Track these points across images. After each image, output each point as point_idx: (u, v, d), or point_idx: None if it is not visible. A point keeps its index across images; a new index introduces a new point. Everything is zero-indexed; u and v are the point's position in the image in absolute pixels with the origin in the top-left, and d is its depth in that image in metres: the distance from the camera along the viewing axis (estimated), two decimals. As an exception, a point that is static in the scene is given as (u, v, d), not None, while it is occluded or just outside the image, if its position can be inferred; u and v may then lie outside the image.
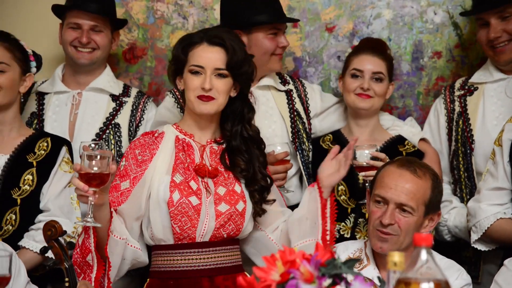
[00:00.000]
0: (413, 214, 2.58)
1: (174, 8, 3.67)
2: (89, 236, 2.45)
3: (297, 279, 1.65)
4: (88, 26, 3.28)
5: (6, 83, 2.99)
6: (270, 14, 3.25)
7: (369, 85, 3.24)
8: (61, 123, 3.29)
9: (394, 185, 2.59)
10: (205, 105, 2.63)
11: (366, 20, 3.65)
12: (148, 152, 2.63)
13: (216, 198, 2.63)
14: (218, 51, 2.64)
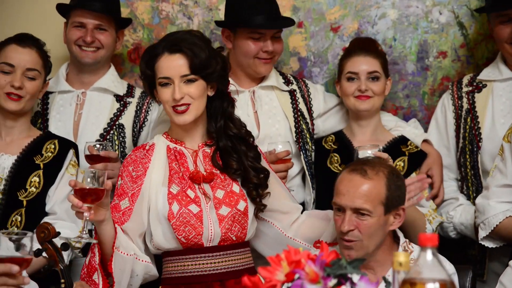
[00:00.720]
0: (371, 215, 2.51)
1: (179, 9, 3.67)
2: (94, 254, 2.48)
3: (302, 279, 1.65)
4: (93, 25, 3.28)
5: (35, 91, 3.03)
6: (255, 18, 3.21)
7: (366, 85, 3.24)
8: (65, 123, 3.29)
9: (346, 191, 2.53)
10: (182, 116, 2.62)
11: (371, 20, 3.65)
12: (141, 167, 2.63)
13: (215, 203, 2.61)
14: (180, 58, 2.61)
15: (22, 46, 3.01)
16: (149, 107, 3.37)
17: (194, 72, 2.60)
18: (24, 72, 2.98)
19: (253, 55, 3.24)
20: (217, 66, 2.65)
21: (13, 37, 3.05)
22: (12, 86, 2.95)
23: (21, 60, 2.99)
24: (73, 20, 3.30)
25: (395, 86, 3.62)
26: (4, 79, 2.97)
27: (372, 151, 2.95)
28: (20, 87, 2.96)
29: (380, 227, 2.54)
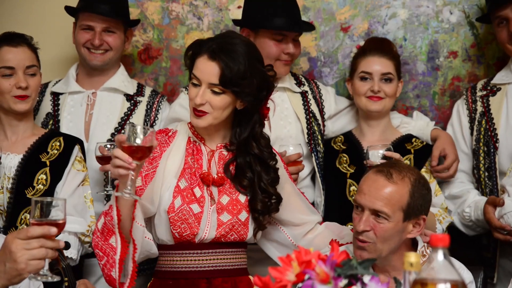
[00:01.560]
0: (389, 220, 2.44)
1: (189, 9, 3.68)
2: (112, 218, 2.39)
3: (313, 280, 1.64)
4: (100, 28, 3.28)
5: (38, 86, 3.05)
6: (278, 19, 3.22)
7: (379, 86, 3.23)
8: (76, 124, 3.30)
9: (368, 191, 2.48)
10: (197, 119, 2.56)
11: (382, 20, 3.64)
12: (158, 149, 2.58)
13: (218, 208, 2.58)
14: (214, 66, 2.51)
15: (15, 45, 2.99)
16: (159, 106, 3.38)
17: (222, 84, 2.50)
18: (25, 70, 2.99)
19: (275, 56, 3.24)
20: (251, 85, 2.52)
21: (1, 39, 3.02)
22: (19, 87, 2.96)
23: (19, 60, 2.98)
24: (81, 22, 3.31)
25: (405, 86, 3.61)
26: (8, 83, 2.97)
27: (383, 150, 2.94)
28: (26, 87, 2.97)
29: (396, 233, 2.47)
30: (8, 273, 1.91)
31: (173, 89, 3.67)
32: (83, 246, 3.02)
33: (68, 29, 3.42)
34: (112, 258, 2.40)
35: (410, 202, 2.46)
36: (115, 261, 2.39)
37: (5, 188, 2.97)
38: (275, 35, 3.23)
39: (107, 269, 2.41)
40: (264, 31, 3.23)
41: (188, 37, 3.66)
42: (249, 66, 2.52)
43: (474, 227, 3.28)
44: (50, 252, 1.93)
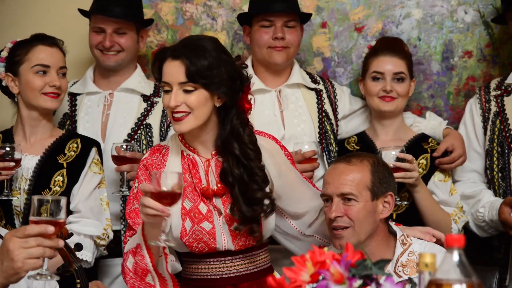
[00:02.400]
0: (358, 200, 2.51)
1: (203, 9, 3.68)
2: (143, 257, 2.37)
3: (327, 280, 1.64)
4: (111, 29, 3.29)
5: (67, 88, 3.10)
6: (267, 4, 3.23)
7: (391, 86, 3.22)
8: (93, 124, 3.31)
9: (331, 179, 2.56)
10: (178, 124, 2.48)
11: (396, 20, 3.63)
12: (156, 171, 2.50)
13: (227, 220, 2.55)
14: (179, 64, 2.46)
15: (50, 45, 3.05)
16: (175, 106, 3.38)
17: (191, 79, 2.45)
18: (58, 70, 3.03)
19: (264, 44, 3.24)
20: (220, 75, 2.46)
21: (35, 38, 3.07)
22: (53, 86, 3.00)
23: (54, 59, 3.03)
24: (93, 25, 3.33)
25: (419, 86, 3.60)
26: (42, 80, 3.00)
27: (396, 151, 2.93)
28: (59, 86, 3.01)
29: (368, 213, 2.53)
30: (5, 272, 1.90)
31: (187, 89, 3.67)
32: (98, 249, 3.03)
33: (84, 30, 3.44)
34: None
35: (373, 180, 2.55)
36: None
37: (22, 189, 2.98)
38: (262, 21, 3.25)
39: None
40: (255, 21, 3.27)
41: (202, 37, 3.67)
42: (215, 57, 2.47)
43: (486, 228, 3.26)
44: (48, 251, 1.90)
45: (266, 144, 2.64)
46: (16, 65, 3.03)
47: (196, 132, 2.53)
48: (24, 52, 3.03)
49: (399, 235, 2.58)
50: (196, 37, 2.65)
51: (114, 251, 3.20)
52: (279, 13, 3.23)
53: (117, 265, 3.23)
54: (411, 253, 2.53)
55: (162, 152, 2.60)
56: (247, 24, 3.35)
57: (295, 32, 3.29)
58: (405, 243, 2.57)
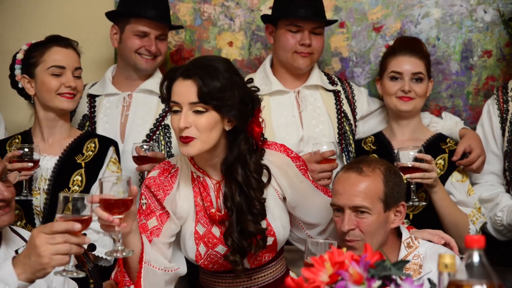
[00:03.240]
0: (371, 213, 2.46)
1: (221, 10, 3.69)
2: (122, 272, 2.36)
3: (346, 281, 1.64)
4: (155, 35, 3.29)
5: (82, 88, 3.11)
6: (293, 9, 3.22)
7: (409, 86, 3.20)
8: (112, 125, 3.33)
9: (343, 190, 2.48)
10: (186, 147, 2.39)
11: (414, 20, 3.61)
12: (162, 192, 2.48)
13: None
14: (191, 84, 2.37)
15: (65, 47, 3.06)
16: (193, 107, 3.38)
17: (202, 100, 2.36)
18: (73, 71, 3.04)
19: (291, 48, 3.23)
20: (233, 99, 2.38)
21: (50, 40, 3.08)
22: (68, 86, 3.02)
23: (69, 60, 3.05)
24: (134, 28, 3.29)
25: (438, 86, 3.58)
26: (57, 81, 3.02)
27: (414, 152, 2.92)
28: (75, 87, 3.02)
29: (380, 225, 2.48)
30: (32, 267, 1.93)
31: (205, 90, 3.68)
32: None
33: (103, 32, 3.45)
34: None
35: (386, 191, 2.49)
36: None
37: (42, 189, 3.00)
38: (290, 26, 3.23)
39: None
40: (281, 24, 3.26)
41: (220, 38, 3.68)
42: (228, 79, 2.39)
43: (505, 232, 3.24)
44: (74, 247, 1.93)
45: (276, 159, 2.56)
46: (32, 67, 3.05)
47: (205, 155, 2.46)
48: (40, 54, 3.04)
49: (404, 238, 2.54)
50: (209, 57, 2.57)
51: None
52: (308, 20, 3.22)
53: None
54: (416, 256, 2.49)
55: (171, 173, 2.53)
56: (270, 23, 3.34)
57: (320, 39, 3.28)
58: (411, 246, 2.53)
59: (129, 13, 3.30)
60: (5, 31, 3.64)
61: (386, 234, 2.51)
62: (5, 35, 3.64)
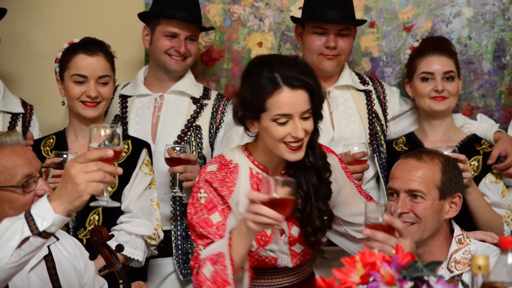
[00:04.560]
0: (425, 198, 2.49)
1: (251, 11, 3.69)
2: (225, 267, 2.30)
3: (378, 282, 1.63)
4: (185, 36, 3.30)
5: (109, 95, 3.11)
6: (319, 12, 3.20)
7: (442, 86, 3.18)
8: (144, 126, 3.34)
9: (400, 174, 2.54)
10: (296, 153, 2.39)
11: (446, 19, 3.59)
12: (226, 188, 2.48)
13: (290, 240, 2.52)
14: (303, 93, 2.37)
15: (90, 54, 3.06)
16: (225, 109, 3.39)
17: (313, 107, 2.40)
18: (97, 80, 3.05)
19: (316, 51, 3.22)
20: (323, 96, 2.47)
21: (79, 45, 3.10)
22: (89, 96, 3.03)
23: (92, 69, 3.05)
24: (164, 29, 3.31)
25: (470, 85, 3.55)
26: (78, 90, 3.04)
27: (448, 152, 2.89)
28: (96, 96, 3.03)
29: (435, 212, 2.50)
30: (69, 196, 1.93)
31: (235, 90, 3.66)
32: (149, 248, 3.06)
33: (136, 33, 3.47)
34: None
35: (443, 180, 2.52)
36: None
37: (75, 190, 3.02)
38: (316, 28, 3.22)
39: None
40: (308, 25, 3.25)
41: (250, 38, 3.68)
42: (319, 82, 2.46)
43: None
44: (108, 176, 1.94)
45: (329, 158, 2.59)
46: (62, 70, 3.09)
47: (272, 152, 2.46)
48: (67, 59, 3.07)
49: (456, 234, 2.57)
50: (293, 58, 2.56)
51: (164, 251, 3.23)
52: (333, 23, 3.20)
53: (167, 265, 3.28)
54: (467, 252, 2.52)
55: (230, 168, 2.51)
56: (300, 24, 3.34)
57: (348, 40, 3.26)
58: (462, 242, 2.55)
59: (159, 14, 3.32)
60: (39, 33, 3.69)
61: (440, 224, 2.53)
62: (39, 37, 3.68)
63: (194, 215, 2.46)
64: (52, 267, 2.45)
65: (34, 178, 2.34)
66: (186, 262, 3.25)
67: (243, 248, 2.28)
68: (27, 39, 3.69)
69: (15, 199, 2.32)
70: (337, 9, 3.23)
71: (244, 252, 2.30)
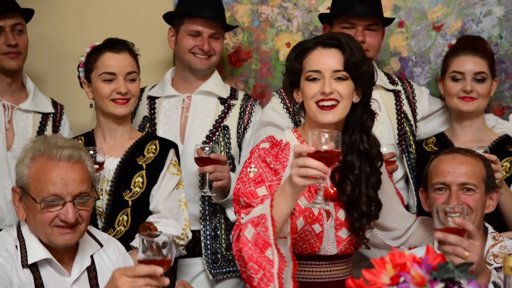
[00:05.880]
0: (476, 191, 2.59)
1: (279, 11, 3.69)
2: (266, 229, 2.23)
3: (408, 283, 1.62)
4: (208, 33, 3.32)
5: (137, 91, 3.13)
6: (351, 6, 3.20)
7: (471, 86, 3.15)
8: (172, 126, 3.36)
9: (451, 169, 2.61)
10: (327, 114, 2.43)
11: (476, 18, 3.55)
12: (280, 163, 2.48)
13: (337, 224, 2.51)
14: (334, 53, 2.46)
15: (117, 52, 3.09)
16: (252, 109, 3.40)
17: (346, 69, 2.44)
18: (125, 76, 3.08)
19: None
20: (368, 70, 2.49)
21: (104, 45, 3.13)
22: (119, 92, 3.05)
23: (120, 66, 3.07)
24: (188, 28, 3.34)
25: (501, 85, 3.51)
26: (108, 88, 3.06)
27: (480, 152, 2.86)
28: (126, 93, 3.06)
29: (482, 205, 2.61)
30: None
31: (263, 91, 3.69)
32: (177, 248, 3.07)
33: (162, 34, 3.49)
34: (269, 272, 2.25)
35: (488, 174, 2.64)
36: (273, 275, 2.25)
37: (104, 190, 3.05)
38: (343, 23, 3.22)
39: (263, 283, 2.26)
40: (336, 23, 3.25)
41: (278, 39, 3.68)
42: (362, 51, 2.51)
43: None
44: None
45: None
46: (88, 72, 3.11)
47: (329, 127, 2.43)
48: (94, 60, 3.09)
49: (490, 231, 2.66)
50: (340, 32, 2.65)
51: (193, 251, 3.24)
52: (361, 16, 3.20)
53: (196, 265, 3.29)
54: (503, 247, 2.60)
55: (281, 147, 2.52)
56: (328, 23, 3.33)
57: (376, 35, 3.25)
58: (497, 239, 2.64)
59: (182, 14, 3.35)
60: (68, 34, 3.72)
61: (482, 219, 2.62)
62: (68, 38, 3.71)
63: (240, 186, 2.46)
64: (94, 277, 2.45)
65: (62, 201, 2.32)
66: (215, 262, 3.26)
67: (286, 208, 2.22)
68: (56, 40, 3.73)
69: (36, 212, 2.33)
70: (365, 4, 3.22)
71: (286, 212, 2.23)
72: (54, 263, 2.37)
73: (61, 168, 2.33)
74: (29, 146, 2.41)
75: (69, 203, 2.32)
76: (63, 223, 2.32)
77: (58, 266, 2.38)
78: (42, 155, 2.35)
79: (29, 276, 2.33)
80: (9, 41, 3.16)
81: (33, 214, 2.34)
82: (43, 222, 2.32)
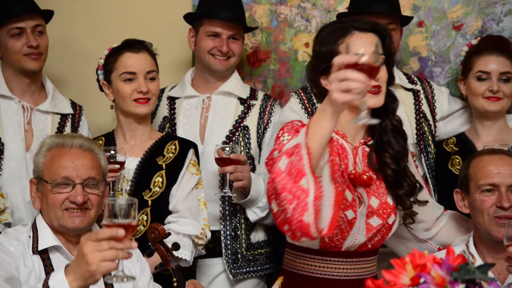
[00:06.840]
0: None
1: (297, 11, 3.69)
2: (301, 157, 2.09)
3: (428, 284, 1.61)
4: (227, 35, 3.33)
5: (157, 90, 3.15)
6: (367, 6, 3.19)
7: (498, 86, 3.13)
8: (192, 127, 3.37)
9: (498, 170, 2.59)
10: (374, 98, 2.36)
11: (496, 17, 3.53)
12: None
13: (368, 211, 2.47)
14: (372, 37, 2.37)
15: (136, 52, 3.11)
16: (272, 109, 3.40)
17: (385, 53, 2.40)
18: (145, 75, 3.09)
19: None
20: (393, 58, 2.50)
21: (122, 46, 3.15)
22: (140, 92, 3.07)
23: (140, 65, 3.09)
24: (207, 29, 3.35)
25: (523, 85, 3.48)
26: (129, 87, 3.08)
27: None
28: (147, 91, 3.07)
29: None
30: (82, 274, 1.98)
31: (281, 91, 3.69)
32: (196, 248, 3.08)
33: (182, 35, 3.50)
34: (303, 201, 2.10)
35: None
36: (307, 204, 2.10)
37: (124, 190, 3.07)
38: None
39: (298, 213, 2.11)
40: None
41: (296, 39, 3.67)
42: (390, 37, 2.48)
43: None
44: (121, 253, 1.94)
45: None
46: (108, 73, 3.13)
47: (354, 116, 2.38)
48: (113, 61, 3.12)
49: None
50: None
51: (213, 251, 3.25)
52: (379, 15, 3.19)
53: (216, 265, 3.30)
54: None
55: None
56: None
57: (395, 34, 3.22)
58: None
59: (202, 15, 3.35)
60: (86, 35, 3.74)
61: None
62: (86, 39, 3.73)
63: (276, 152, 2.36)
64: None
65: (72, 183, 2.43)
66: (235, 262, 3.27)
67: (325, 130, 2.08)
68: (75, 41, 3.75)
69: (48, 195, 2.44)
70: (383, 3, 3.21)
71: (325, 135, 2.09)
72: (64, 251, 2.43)
73: (72, 154, 2.48)
74: (46, 140, 2.56)
75: (78, 185, 2.44)
76: (73, 205, 2.42)
77: (67, 254, 2.43)
78: (56, 145, 2.50)
79: (39, 263, 2.41)
80: (30, 43, 3.19)
81: (46, 198, 2.45)
82: (54, 204, 2.43)
